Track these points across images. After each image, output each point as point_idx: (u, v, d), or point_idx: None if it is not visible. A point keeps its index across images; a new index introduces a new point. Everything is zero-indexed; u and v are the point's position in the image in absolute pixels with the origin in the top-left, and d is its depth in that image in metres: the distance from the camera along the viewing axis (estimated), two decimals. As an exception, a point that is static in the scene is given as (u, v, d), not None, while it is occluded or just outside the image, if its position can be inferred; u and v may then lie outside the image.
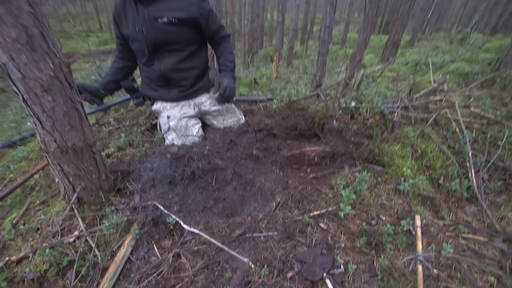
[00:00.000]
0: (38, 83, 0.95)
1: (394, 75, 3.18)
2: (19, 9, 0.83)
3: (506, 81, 2.18)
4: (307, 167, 1.74)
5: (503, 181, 1.37)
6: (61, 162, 1.14)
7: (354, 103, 1.70)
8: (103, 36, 15.35)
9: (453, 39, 9.00)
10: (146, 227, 1.18)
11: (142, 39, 1.46)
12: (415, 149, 1.47)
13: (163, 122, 1.72)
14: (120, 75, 1.72)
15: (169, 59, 1.55)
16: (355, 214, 1.24)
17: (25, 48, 0.88)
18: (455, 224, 1.20)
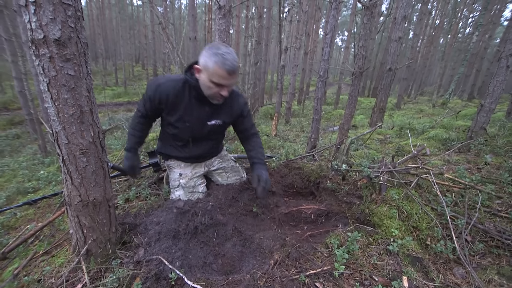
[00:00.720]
0: (79, 147, 1.16)
1: (382, 138, 3.51)
2: (80, 94, 1.09)
3: (479, 147, 2.45)
4: (303, 225, 1.84)
5: (485, 243, 1.46)
6: (80, 214, 1.26)
7: (344, 166, 1.90)
8: (117, 89, 16.79)
9: (435, 104, 9.94)
10: (148, 282, 1.22)
11: (186, 131, 1.64)
12: (401, 210, 1.60)
13: (173, 178, 1.82)
14: (147, 133, 1.80)
15: (202, 146, 1.76)
16: (349, 274, 1.30)
17: (76, 121, 1.12)
18: (444, 286, 1.25)
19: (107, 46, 24.44)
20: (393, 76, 4.21)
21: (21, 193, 2.41)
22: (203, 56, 1.40)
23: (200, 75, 1.45)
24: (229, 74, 1.38)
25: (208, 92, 1.48)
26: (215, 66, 1.35)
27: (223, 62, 1.34)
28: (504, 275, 1.34)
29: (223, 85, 1.43)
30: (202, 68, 1.41)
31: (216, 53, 1.35)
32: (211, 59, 1.35)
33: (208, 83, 1.42)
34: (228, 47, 1.40)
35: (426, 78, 23.70)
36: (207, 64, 1.37)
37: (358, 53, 2.16)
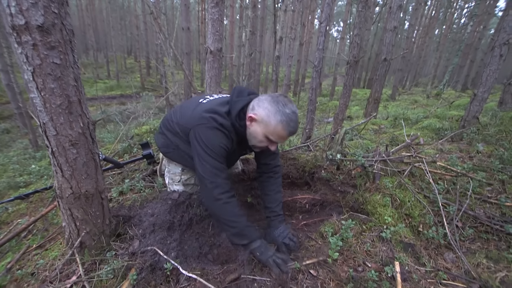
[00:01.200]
0: (68, 138, 1.13)
1: (377, 128, 3.53)
2: (67, 83, 1.05)
3: (471, 136, 2.48)
4: (298, 214, 1.85)
5: (475, 228, 1.50)
6: (72, 207, 1.24)
7: (339, 155, 1.91)
8: (110, 83, 16.46)
9: (430, 94, 10.01)
10: (143, 273, 1.23)
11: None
12: (394, 198, 1.62)
13: (174, 172, 1.68)
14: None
15: None
16: (343, 260, 1.32)
17: (64, 112, 1.08)
18: (435, 270, 1.28)
19: (98, 38, 23.77)
20: (388, 67, 4.20)
21: (12, 187, 2.37)
22: (263, 108, 1.24)
23: (253, 125, 1.29)
24: (289, 136, 1.28)
25: (256, 144, 1.35)
26: (279, 125, 1.22)
27: (288, 123, 1.21)
28: (491, 258, 1.38)
29: (276, 143, 1.32)
30: (259, 120, 1.26)
31: (282, 111, 1.21)
32: (276, 116, 1.21)
33: (261, 137, 1.29)
34: (292, 103, 1.26)
35: (421, 69, 23.79)
36: (269, 120, 1.23)
37: (352, 41, 2.14)
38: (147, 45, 19.78)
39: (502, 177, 1.76)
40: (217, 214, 1.26)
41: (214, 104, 1.38)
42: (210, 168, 1.23)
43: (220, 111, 1.32)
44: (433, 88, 13.32)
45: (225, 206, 1.23)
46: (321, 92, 14.74)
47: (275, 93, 1.38)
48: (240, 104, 1.33)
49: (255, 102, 1.31)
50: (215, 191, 1.22)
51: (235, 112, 1.31)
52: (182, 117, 1.44)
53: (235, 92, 1.39)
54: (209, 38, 2.59)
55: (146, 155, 2.07)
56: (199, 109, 1.37)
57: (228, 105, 1.35)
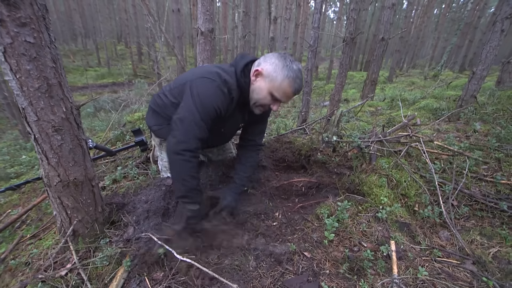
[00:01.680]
0: (51, 124, 1.07)
1: (373, 110, 3.49)
2: (44, 65, 0.98)
3: (468, 116, 2.46)
4: (294, 197, 1.84)
5: (470, 207, 1.51)
6: (62, 195, 1.21)
7: (335, 137, 1.88)
8: (100, 70, 15.97)
9: (427, 76, 9.90)
10: (138, 259, 1.22)
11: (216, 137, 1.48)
12: (390, 179, 1.61)
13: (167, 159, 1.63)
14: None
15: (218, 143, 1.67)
16: (339, 241, 1.32)
17: (44, 96, 1.02)
18: (430, 248, 1.29)
19: (85, 23, 22.77)
20: (385, 47, 4.09)
21: (3, 179, 2.32)
22: (270, 63, 1.21)
23: (257, 80, 1.25)
24: (294, 94, 1.24)
25: (258, 101, 1.29)
26: (285, 81, 1.18)
27: (295, 80, 1.19)
28: (485, 235, 1.40)
29: (279, 101, 1.27)
30: (265, 75, 1.22)
31: (290, 67, 1.18)
32: (283, 71, 1.18)
33: (265, 93, 1.24)
34: (298, 62, 1.25)
35: (418, 50, 23.42)
36: (276, 75, 1.19)
37: (349, 17, 2.04)
38: (137, 30, 19.04)
39: (498, 155, 1.75)
40: (174, 166, 1.23)
41: (219, 65, 1.36)
42: (190, 122, 1.17)
43: (226, 69, 1.28)
44: (430, 70, 13.17)
45: (185, 163, 1.18)
46: (318, 75, 14.50)
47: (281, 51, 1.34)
48: (244, 60, 1.29)
49: (262, 58, 1.27)
50: (182, 145, 1.17)
51: (240, 68, 1.26)
52: (178, 79, 1.39)
53: (239, 55, 1.36)
54: (199, 18, 2.46)
55: (139, 142, 2.02)
56: (202, 68, 1.34)
57: (233, 66, 1.31)
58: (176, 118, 1.20)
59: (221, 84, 1.20)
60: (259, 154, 1.62)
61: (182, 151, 1.17)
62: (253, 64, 1.29)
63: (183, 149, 1.17)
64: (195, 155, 1.21)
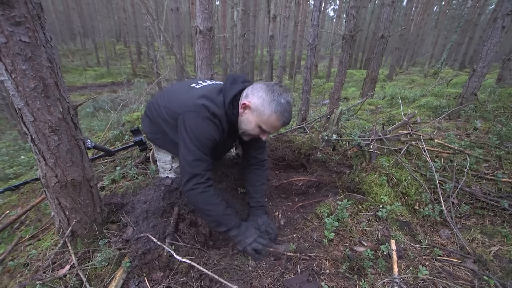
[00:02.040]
0: (47, 124, 1.06)
1: (373, 108, 3.47)
2: (40, 64, 0.97)
3: (468, 113, 2.44)
4: (294, 196, 1.84)
5: (470, 205, 1.50)
6: (60, 196, 1.20)
7: (335, 136, 1.86)
8: (100, 70, 15.93)
9: (427, 74, 9.87)
10: (137, 260, 1.21)
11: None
12: (391, 177, 1.60)
13: (164, 160, 1.66)
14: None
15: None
16: (339, 240, 1.32)
17: (40, 96, 1.01)
18: (430, 247, 1.28)
19: (84, 23, 22.70)
20: (385, 44, 4.07)
21: (2, 179, 2.31)
22: (258, 97, 1.21)
23: (245, 113, 1.26)
24: (282, 126, 1.26)
25: (247, 132, 1.31)
26: (273, 116, 1.19)
27: (283, 114, 1.19)
28: (486, 233, 1.39)
29: (268, 132, 1.28)
30: (253, 108, 1.22)
31: (278, 101, 1.18)
32: (270, 106, 1.18)
33: (253, 126, 1.26)
34: (287, 92, 1.24)
35: (418, 48, 23.35)
36: (263, 110, 1.20)
37: (348, 14, 2.02)
38: (136, 29, 18.98)
39: (499, 153, 1.74)
40: (193, 203, 1.28)
41: (207, 91, 1.31)
42: (193, 158, 1.21)
43: (214, 99, 1.26)
44: (430, 67, 13.13)
45: (201, 195, 1.21)
46: (317, 74, 14.46)
47: (270, 81, 1.31)
48: (233, 91, 1.27)
49: (249, 89, 1.26)
50: (193, 180, 1.20)
51: (228, 99, 1.26)
52: (171, 101, 1.36)
53: (229, 79, 1.33)
54: (198, 17, 2.45)
55: (138, 142, 2.00)
56: (191, 94, 1.30)
57: (222, 93, 1.29)
58: (181, 161, 1.25)
59: (210, 116, 1.22)
60: (266, 170, 1.59)
61: (194, 185, 1.20)
62: (242, 94, 1.28)
63: (194, 183, 1.20)
64: (208, 184, 1.23)
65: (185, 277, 1.15)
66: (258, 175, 1.54)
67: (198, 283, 1.12)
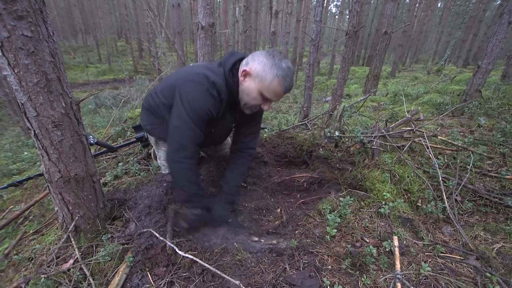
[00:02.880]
0: (50, 119, 1.06)
1: (376, 105, 3.45)
2: (42, 59, 0.97)
3: (473, 110, 2.42)
4: (296, 193, 1.84)
5: (474, 202, 1.49)
6: (63, 191, 1.21)
7: (337, 132, 1.86)
8: (101, 67, 15.92)
9: (430, 71, 9.78)
10: (140, 255, 1.22)
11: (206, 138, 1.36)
12: (393, 174, 1.60)
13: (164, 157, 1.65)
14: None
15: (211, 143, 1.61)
16: (341, 237, 1.32)
17: (43, 91, 1.01)
18: (433, 244, 1.28)
19: (85, 19, 22.63)
20: (388, 41, 4.03)
21: (6, 175, 2.33)
22: (259, 62, 1.17)
23: (246, 81, 1.21)
24: (284, 93, 1.22)
25: (248, 102, 1.25)
26: (275, 80, 1.15)
27: (285, 78, 1.15)
28: (489, 230, 1.39)
29: (270, 100, 1.25)
30: (254, 75, 1.18)
31: (279, 65, 1.14)
32: (272, 70, 1.14)
33: (255, 94, 1.20)
34: (287, 60, 1.21)
35: (421, 45, 23.11)
36: (265, 75, 1.15)
37: (352, 9, 1.99)
38: (137, 25, 18.90)
39: (503, 150, 1.73)
40: (175, 174, 1.27)
41: (207, 63, 1.31)
42: (184, 130, 1.17)
43: (214, 69, 1.24)
44: (434, 64, 13.00)
45: (183, 171, 1.21)
46: (319, 71, 14.38)
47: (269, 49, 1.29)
48: (232, 60, 1.24)
49: (249, 57, 1.23)
50: (181, 153, 1.19)
51: (228, 67, 1.22)
52: (169, 80, 1.34)
53: (227, 54, 1.31)
54: (199, 12, 2.43)
55: (140, 138, 2.01)
56: (190, 68, 1.29)
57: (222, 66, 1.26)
58: (171, 127, 1.21)
59: (209, 86, 1.18)
60: (250, 160, 1.54)
61: (181, 159, 1.20)
62: (241, 63, 1.24)
63: (182, 156, 1.20)
64: (193, 161, 1.23)
65: (188, 272, 1.15)
66: (241, 163, 1.49)
67: (201, 278, 1.12)
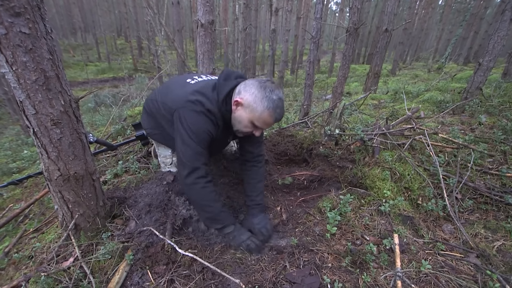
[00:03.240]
0: (49, 117, 1.06)
1: (376, 103, 3.44)
2: (41, 56, 0.96)
3: (473, 108, 2.41)
4: (296, 191, 1.83)
5: (474, 200, 1.49)
6: (62, 189, 1.20)
7: (337, 130, 1.85)
8: (101, 65, 15.88)
9: (431, 69, 9.75)
10: (140, 253, 1.22)
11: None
12: (394, 172, 1.59)
13: (164, 155, 1.65)
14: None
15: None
16: (341, 235, 1.31)
17: (41, 89, 1.00)
18: (433, 242, 1.28)
19: (85, 17, 22.55)
20: (389, 38, 4.01)
21: (6, 174, 2.33)
22: (250, 93, 1.20)
23: (238, 110, 1.25)
24: (275, 122, 1.26)
25: (240, 130, 1.30)
26: (265, 112, 1.19)
27: (275, 110, 1.19)
28: (490, 228, 1.38)
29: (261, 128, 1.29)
30: (245, 105, 1.21)
31: (269, 98, 1.18)
32: (262, 102, 1.18)
33: (246, 122, 1.25)
34: (279, 89, 1.24)
35: (422, 43, 23.02)
36: (255, 106, 1.19)
37: (352, 6, 1.98)
38: (137, 23, 18.83)
39: (504, 148, 1.72)
40: (193, 198, 1.27)
41: (201, 87, 1.31)
42: (191, 153, 1.20)
43: (208, 95, 1.26)
44: (434, 62, 12.95)
45: (201, 191, 1.22)
46: (320, 69, 14.34)
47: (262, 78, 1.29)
48: (226, 88, 1.27)
49: (242, 86, 1.25)
50: (193, 175, 1.20)
51: (222, 97, 1.25)
52: (167, 96, 1.36)
53: (222, 75, 1.32)
54: (199, 10, 2.41)
55: (140, 136, 2.00)
56: (186, 90, 1.29)
57: (215, 90, 1.28)
58: (177, 152, 1.24)
59: (206, 113, 1.22)
60: (262, 167, 1.55)
61: (194, 180, 1.20)
62: (234, 91, 1.27)
63: (195, 177, 1.20)
64: (208, 179, 1.23)
65: (188, 270, 1.15)
66: (254, 173, 1.51)
67: (201, 276, 1.12)
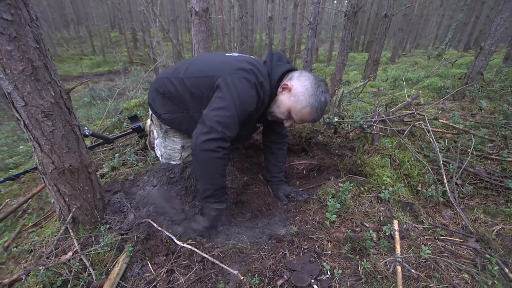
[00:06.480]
0: (40, 109, 1.03)
1: (376, 91, 3.39)
2: (26, 45, 0.92)
3: (474, 94, 2.38)
4: (295, 180, 1.83)
5: (474, 185, 1.48)
6: (58, 183, 1.18)
7: (336, 118, 1.82)
8: (96, 59, 15.60)
9: (431, 55, 9.61)
10: (139, 245, 1.21)
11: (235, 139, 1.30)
12: (393, 159, 1.58)
13: (173, 148, 1.57)
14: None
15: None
16: (341, 222, 1.31)
17: (29, 79, 0.97)
18: (433, 227, 1.28)
19: (76, 9, 21.97)
20: (388, 24, 3.92)
21: (2, 169, 2.31)
22: (303, 85, 1.19)
23: (283, 94, 1.22)
24: (311, 121, 1.28)
25: (274, 113, 1.28)
26: (307, 108, 1.19)
27: (317, 110, 1.20)
28: (489, 213, 1.38)
29: (294, 120, 1.28)
30: (293, 93, 1.20)
31: (318, 97, 1.18)
32: (310, 98, 1.18)
33: (284, 109, 1.23)
34: (329, 93, 1.24)
35: (422, 29, 22.63)
36: (302, 99, 1.18)
37: (351, -12, 1.91)
38: (131, 14, 18.38)
39: (505, 133, 1.71)
40: (203, 164, 1.10)
41: (250, 58, 1.26)
42: (227, 119, 1.07)
43: (260, 69, 1.21)
44: (434, 49, 12.76)
45: (217, 161, 1.09)
46: (318, 58, 14.13)
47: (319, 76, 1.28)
48: (282, 68, 1.25)
49: (297, 74, 1.24)
50: (216, 142, 1.06)
51: (277, 75, 1.23)
52: (202, 69, 1.25)
53: (275, 56, 1.29)
54: (193, -3, 2.33)
55: (136, 128, 1.97)
56: (232, 59, 1.24)
57: (266, 67, 1.25)
58: (211, 113, 1.09)
59: (259, 86, 1.16)
60: (286, 146, 1.60)
61: (216, 148, 1.07)
62: (288, 74, 1.25)
63: (217, 146, 1.07)
64: (226, 153, 1.13)
65: (188, 260, 1.15)
66: (281, 156, 1.57)
67: (201, 265, 1.12)
